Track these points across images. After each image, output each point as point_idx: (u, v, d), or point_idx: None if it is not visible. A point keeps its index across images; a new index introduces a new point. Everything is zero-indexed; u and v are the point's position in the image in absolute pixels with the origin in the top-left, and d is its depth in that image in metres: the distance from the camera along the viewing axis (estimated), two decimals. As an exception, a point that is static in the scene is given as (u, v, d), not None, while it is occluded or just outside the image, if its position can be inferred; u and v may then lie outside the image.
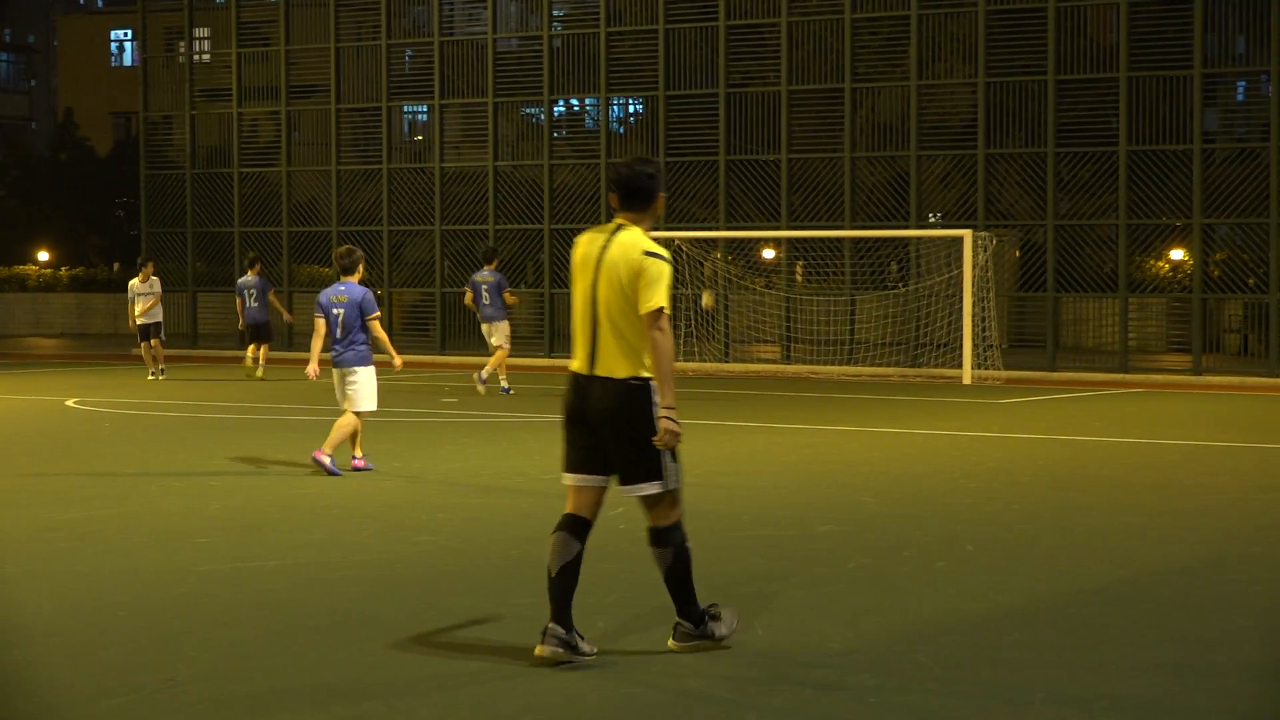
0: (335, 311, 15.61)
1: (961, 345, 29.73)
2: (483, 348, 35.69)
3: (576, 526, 8.21)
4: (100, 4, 76.62)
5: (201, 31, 42.63)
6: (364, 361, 15.64)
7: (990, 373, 29.51)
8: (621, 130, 37.37)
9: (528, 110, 37.69)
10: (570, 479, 8.29)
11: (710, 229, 33.83)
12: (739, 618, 8.44)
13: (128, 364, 35.35)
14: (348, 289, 15.63)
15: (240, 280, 30.68)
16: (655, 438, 7.95)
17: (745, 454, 17.22)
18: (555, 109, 37.25)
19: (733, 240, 34.14)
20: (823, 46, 33.86)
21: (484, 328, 25.90)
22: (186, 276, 39.95)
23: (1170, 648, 8.41)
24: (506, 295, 25.66)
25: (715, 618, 8.29)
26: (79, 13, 76.07)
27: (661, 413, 7.94)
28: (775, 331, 33.73)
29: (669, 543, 8.15)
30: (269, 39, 39.78)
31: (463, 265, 37.29)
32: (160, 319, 30.28)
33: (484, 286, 25.59)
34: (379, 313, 15.71)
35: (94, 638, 8.55)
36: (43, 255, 58.98)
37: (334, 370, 15.78)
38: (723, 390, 26.94)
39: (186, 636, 8.54)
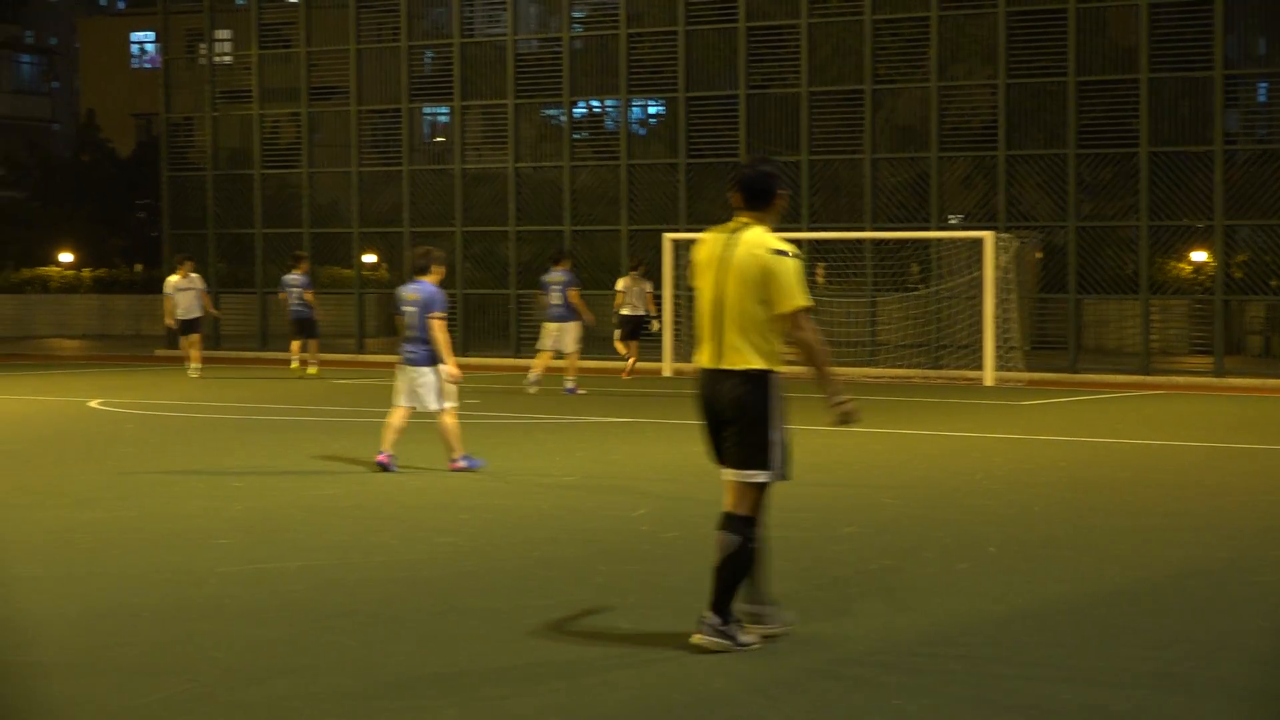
0: (406, 309, 15.63)
1: (983, 347, 29.67)
2: (507, 349, 35.86)
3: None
4: (121, 5, 76.81)
5: (222, 33, 42.73)
6: (434, 360, 15.65)
7: (1012, 374, 29.45)
8: (642, 132, 37.39)
9: (548, 112, 37.71)
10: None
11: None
12: (783, 624, 8.50)
13: (151, 365, 35.44)
14: (419, 288, 15.60)
15: (286, 277, 30.90)
16: (837, 424, 8.33)
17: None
18: (575, 110, 37.26)
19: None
20: (843, 48, 33.83)
21: (549, 328, 25.98)
22: (208, 278, 39.96)
23: (1186, 648, 8.40)
24: (573, 294, 25.85)
25: (742, 626, 8.29)
26: (100, 15, 76.23)
27: (835, 401, 8.24)
28: (796, 333, 33.63)
29: (740, 532, 8.25)
30: (289, 41, 39.85)
31: (483, 267, 37.34)
32: (199, 315, 30.67)
33: (554, 287, 25.84)
34: (441, 314, 15.52)
35: (116, 639, 8.58)
36: (65, 257, 59.11)
37: (402, 369, 15.79)
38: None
39: (209, 638, 8.57)
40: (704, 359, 8.37)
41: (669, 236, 32.42)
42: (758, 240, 8.25)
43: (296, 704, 7.35)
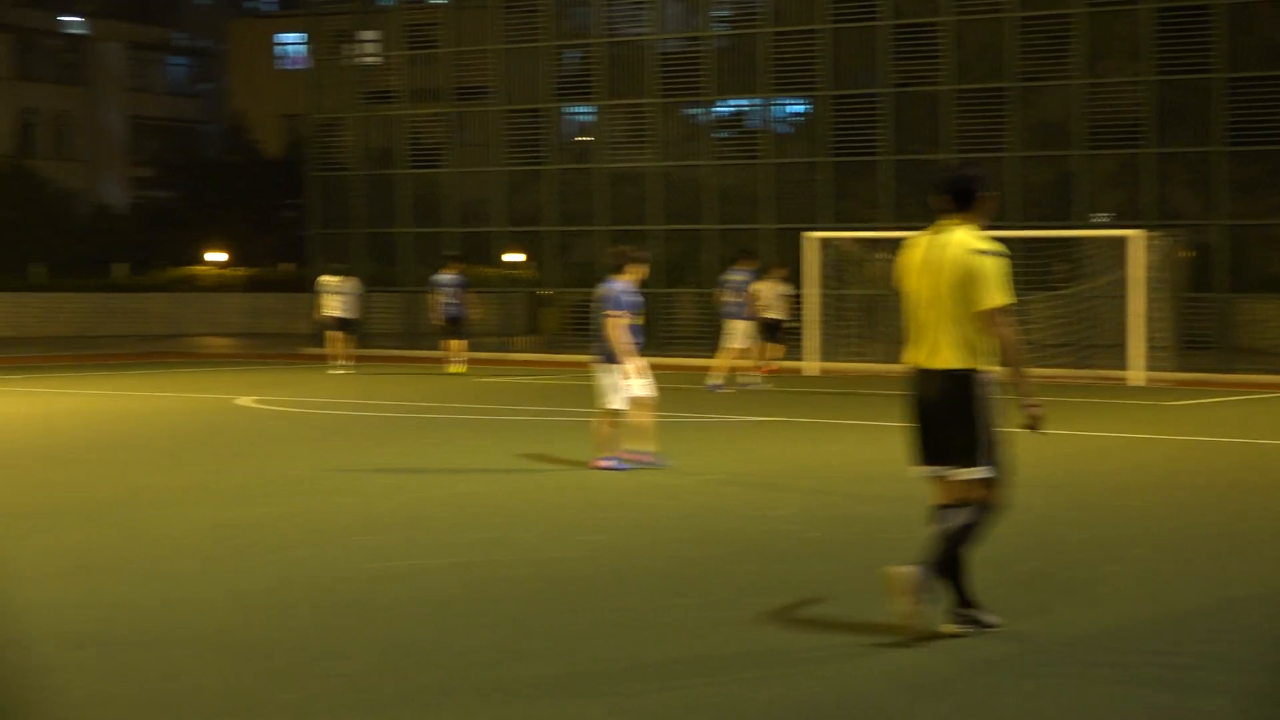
0: (595, 308, 15.75)
1: (1132, 346, 29.24)
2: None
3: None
4: (269, 6, 77.91)
5: (368, 34, 43.23)
6: (606, 359, 15.66)
7: (1161, 374, 29.02)
8: (783, 130, 37.31)
9: (690, 111, 37.75)
10: (924, 472, 8.65)
11: (875, 229, 33.63)
12: (981, 622, 8.58)
13: (300, 363, 35.91)
14: (606, 286, 15.66)
15: (438, 277, 31.38)
16: (1024, 426, 8.44)
17: (909, 455, 17.09)
18: (717, 110, 37.26)
19: (895, 241, 33.88)
20: (985, 46, 33.56)
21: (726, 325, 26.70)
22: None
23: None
24: (748, 295, 26.41)
25: (935, 601, 8.41)
26: (248, 16, 77.43)
27: (1026, 403, 8.43)
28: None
29: (961, 509, 8.45)
30: (435, 41, 40.23)
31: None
32: (354, 315, 31.78)
33: (733, 285, 26.42)
34: (615, 311, 15.42)
35: (266, 634, 8.71)
36: (217, 255, 60.05)
37: (596, 367, 15.90)
38: (887, 391, 26.78)
39: (355, 633, 8.66)
40: (915, 359, 8.60)
41: (809, 235, 32.32)
42: (962, 241, 8.47)
43: (439, 700, 7.42)
